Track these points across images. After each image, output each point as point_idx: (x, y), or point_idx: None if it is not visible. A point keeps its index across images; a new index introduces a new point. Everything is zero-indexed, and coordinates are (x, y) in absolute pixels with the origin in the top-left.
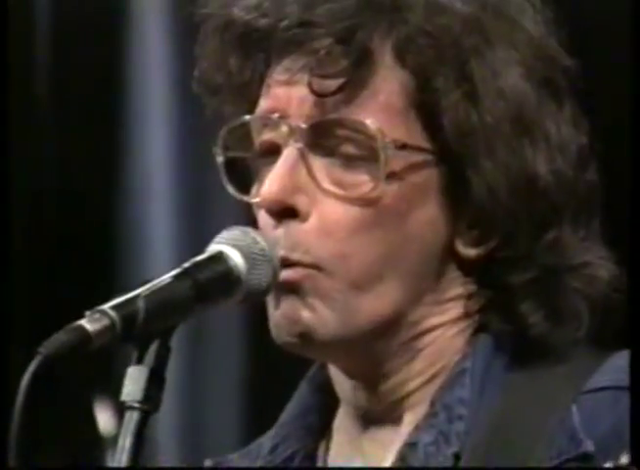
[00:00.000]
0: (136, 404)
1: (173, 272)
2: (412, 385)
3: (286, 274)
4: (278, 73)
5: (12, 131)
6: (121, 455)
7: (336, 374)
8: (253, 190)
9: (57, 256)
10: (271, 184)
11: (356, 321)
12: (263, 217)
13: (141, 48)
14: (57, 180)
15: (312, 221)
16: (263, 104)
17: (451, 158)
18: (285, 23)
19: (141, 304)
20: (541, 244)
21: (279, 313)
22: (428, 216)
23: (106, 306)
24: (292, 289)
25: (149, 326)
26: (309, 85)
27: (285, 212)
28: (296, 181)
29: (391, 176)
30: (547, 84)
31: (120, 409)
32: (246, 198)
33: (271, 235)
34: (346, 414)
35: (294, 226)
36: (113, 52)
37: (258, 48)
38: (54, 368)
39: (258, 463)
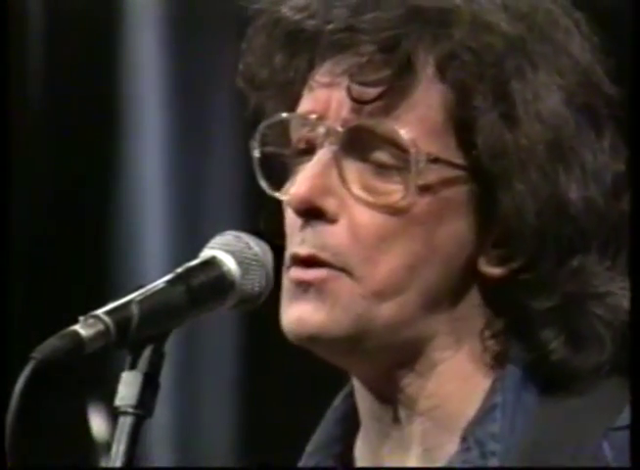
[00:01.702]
0: (130, 409)
1: (167, 277)
2: (425, 404)
3: (311, 273)
4: (320, 75)
5: (7, 143)
6: (115, 460)
7: (357, 387)
8: (286, 187)
9: (52, 261)
10: (301, 184)
11: (371, 327)
12: (291, 217)
13: (136, 57)
14: (52, 186)
15: (342, 225)
16: (304, 104)
17: (483, 176)
18: (331, 26)
19: (135, 309)
20: (566, 270)
21: (293, 312)
22: (454, 232)
23: (100, 312)
24: (311, 288)
25: (142, 331)
26: (348, 91)
27: (312, 213)
28: (326, 183)
29: (422, 188)
30: (588, 111)
31: (114, 414)
32: (277, 195)
33: (297, 235)
34: (366, 442)
35: (322, 227)
36: (107, 61)
37: (304, 48)
38: (48, 373)
39: None
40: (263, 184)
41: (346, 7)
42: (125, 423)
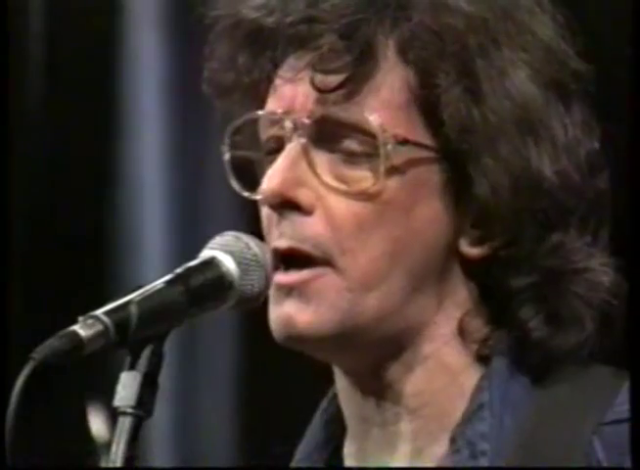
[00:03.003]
0: (129, 410)
1: (166, 278)
2: (414, 401)
3: (293, 276)
4: (284, 71)
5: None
6: (115, 460)
7: (343, 389)
8: (260, 187)
9: (51, 261)
10: (272, 177)
11: (359, 321)
12: (266, 214)
13: (136, 57)
14: (52, 186)
15: (318, 215)
16: (270, 102)
17: (453, 155)
18: (289, 19)
19: (134, 309)
20: (545, 246)
21: (278, 315)
22: (431, 213)
23: (99, 312)
24: (294, 291)
25: (142, 331)
26: (311, 81)
27: (287, 205)
28: (297, 175)
29: (393, 172)
30: (555, 86)
31: (114, 415)
32: (252, 195)
33: (274, 230)
34: (354, 443)
35: (298, 219)
36: (107, 61)
37: (266, 47)
38: (47, 374)
39: None
40: (236, 186)
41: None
42: (125, 423)
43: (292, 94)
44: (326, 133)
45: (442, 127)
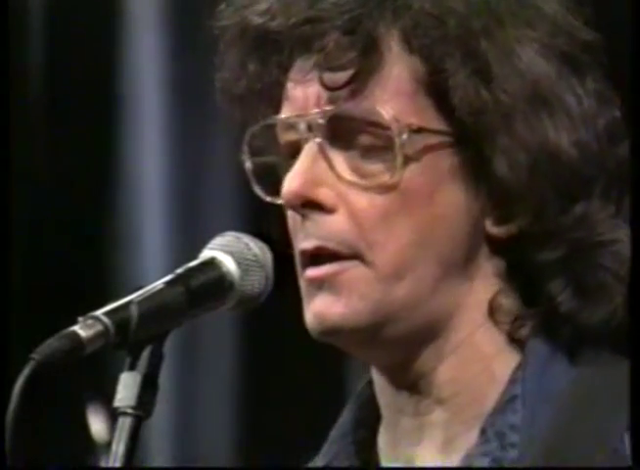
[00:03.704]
0: (129, 410)
1: (166, 278)
2: (446, 390)
3: (322, 269)
4: (293, 74)
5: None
6: (115, 461)
7: (377, 380)
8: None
9: (51, 261)
10: (292, 179)
11: (391, 310)
12: (291, 217)
13: (136, 57)
14: (52, 185)
15: (341, 213)
16: (284, 107)
17: (468, 137)
18: (292, 21)
19: (134, 310)
20: (569, 218)
21: (312, 310)
22: (452, 198)
23: (99, 312)
24: (325, 284)
25: (142, 332)
26: (320, 80)
27: (309, 205)
28: (317, 175)
29: (410, 161)
30: (565, 59)
31: (113, 415)
32: (275, 200)
33: (300, 232)
34: (388, 432)
35: (322, 218)
36: (107, 61)
37: (273, 52)
38: (47, 374)
39: None
40: (259, 192)
41: (304, 1)
42: (124, 424)
43: (303, 96)
44: (341, 131)
45: (454, 111)
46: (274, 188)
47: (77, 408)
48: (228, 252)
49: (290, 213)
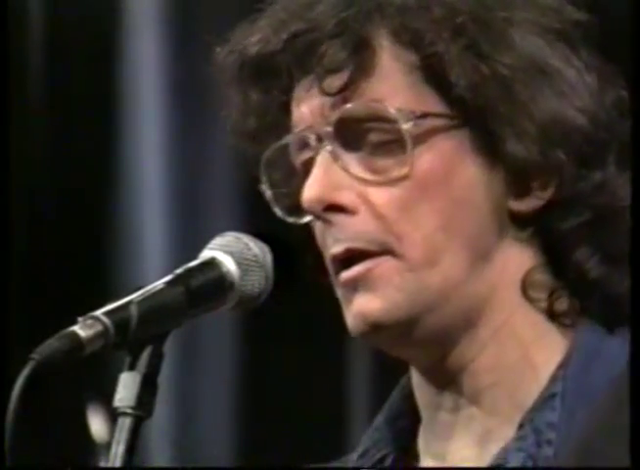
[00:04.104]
0: (129, 410)
1: (166, 278)
2: (486, 379)
3: (354, 269)
4: (297, 93)
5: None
6: (115, 461)
7: (416, 381)
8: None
9: (51, 261)
10: (310, 187)
11: (429, 298)
12: (318, 229)
13: (136, 57)
14: (52, 186)
15: (363, 212)
16: (294, 126)
17: (473, 115)
18: (283, 38)
19: (134, 310)
20: (589, 184)
21: (351, 311)
22: (469, 178)
23: (98, 312)
24: (359, 284)
25: (141, 332)
26: (320, 89)
27: (331, 210)
28: (334, 180)
29: (421, 149)
30: (558, 35)
31: (113, 415)
32: (298, 220)
33: (327, 239)
34: (426, 428)
35: (346, 220)
36: (107, 61)
37: (273, 77)
38: (47, 374)
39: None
40: (280, 214)
41: (291, 19)
42: (124, 424)
43: (308, 110)
44: (349, 133)
45: (455, 90)
46: (294, 209)
47: (77, 408)
48: (228, 252)
49: (316, 226)
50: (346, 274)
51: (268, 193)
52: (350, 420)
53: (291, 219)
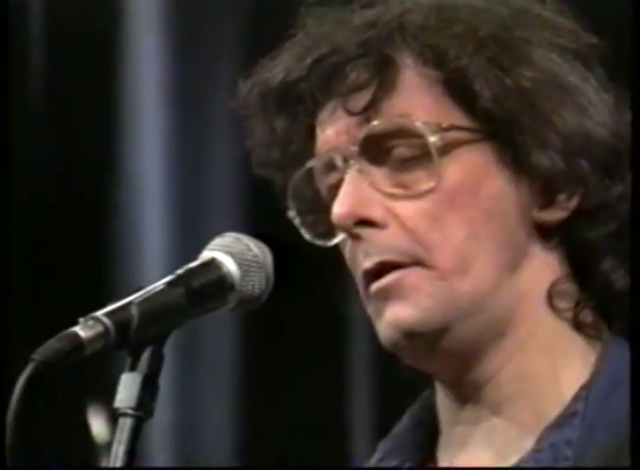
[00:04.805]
0: (129, 411)
1: (166, 279)
2: (511, 388)
3: (385, 279)
4: (321, 117)
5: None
6: (115, 462)
7: (440, 397)
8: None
9: (51, 262)
10: (340, 204)
11: (458, 306)
12: (348, 250)
13: (136, 57)
14: (52, 186)
15: (393, 226)
16: (318, 151)
17: (498, 128)
18: (307, 63)
19: (134, 310)
20: (613, 195)
21: (384, 321)
22: (496, 190)
23: (99, 313)
24: (390, 293)
25: (142, 333)
26: (345, 109)
27: (362, 224)
28: (363, 196)
29: (447, 162)
30: (574, 55)
31: (114, 416)
32: (326, 242)
33: (359, 254)
34: (446, 441)
35: (377, 235)
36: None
37: (297, 103)
38: (47, 375)
39: None
40: (308, 237)
41: (315, 45)
42: (125, 425)
43: (333, 132)
44: (375, 150)
45: (479, 102)
46: (322, 232)
47: (78, 409)
48: (228, 252)
49: (346, 246)
50: (377, 284)
51: (297, 220)
52: (351, 418)
53: (319, 242)
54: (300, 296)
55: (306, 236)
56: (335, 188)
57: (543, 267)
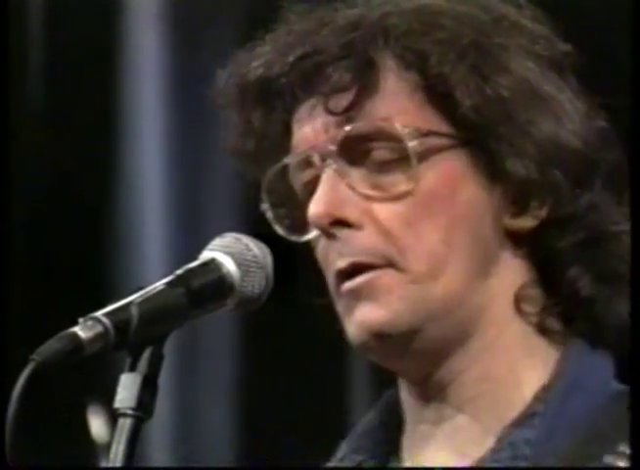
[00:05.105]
0: (129, 411)
1: (166, 279)
2: (474, 389)
3: (358, 279)
4: (300, 114)
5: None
6: (115, 462)
7: (405, 395)
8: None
9: (51, 262)
10: (317, 203)
11: (429, 309)
12: (322, 246)
13: (136, 57)
14: (52, 186)
15: (368, 227)
16: (294, 147)
17: (475, 136)
18: (289, 61)
19: (134, 310)
20: (582, 204)
21: (354, 321)
22: (470, 197)
23: (99, 313)
24: (362, 294)
25: (142, 333)
26: (325, 107)
27: (337, 225)
28: (339, 196)
29: (425, 166)
30: (549, 63)
31: (113, 416)
32: (299, 238)
33: (332, 254)
34: (410, 440)
35: (351, 235)
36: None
37: (276, 98)
38: (47, 375)
39: None
40: (282, 232)
41: (297, 42)
42: (125, 425)
43: (312, 130)
44: (354, 151)
45: (459, 110)
46: (295, 227)
47: (78, 409)
48: (228, 253)
49: (319, 243)
50: (349, 284)
51: (269, 213)
52: (351, 419)
53: (292, 237)
54: (300, 296)
55: (279, 230)
56: (310, 184)
57: (512, 273)
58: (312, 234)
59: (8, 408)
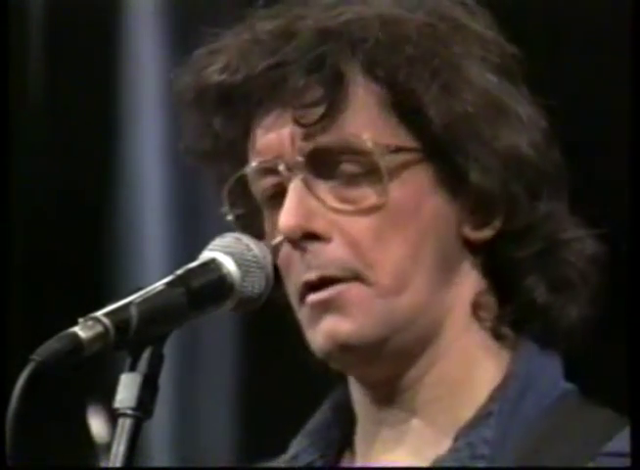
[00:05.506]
0: (129, 411)
1: (166, 279)
2: (430, 393)
3: (326, 292)
4: (264, 120)
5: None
6: (115, 462)
7: (358, 396)
8: (268, 236)
9: (51, 262)
10: (287, 215)
11: (395, 322)
12: (285, 254)
13: (136, 57)
14: (52, 187)
15: (337, 240)
16: (257, 153)
17: (441, 150)
18: (257, 70)
19: (134, 310)
20: (538, 215)
21: (320, 331)
22: (434, 210)
23: (99, 313)
24: (330, 306)
25: (142, 333)
26: (294, 119)
27: (306, 237)
28: (308, 208)
29: (393, 181)
30: (501, 70)
31: (113, 416)
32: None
33: (299, 265)
34: (364, 441)
35: (320, 248)
36: (107, 61)
37: (239, 104)
38: (47, 375)
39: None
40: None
41: (264, 51)
42: (124, 425)
43: (277, 138)
44: (322, 164)
45: (427, 127)
46: (258, 233)
47: (78, 409)
48: (228, 253)
49: (283, 250)
50: (316, 296)
51: (230, 217)
52: None
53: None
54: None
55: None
56: (271, 190)
57: (470, 281)
58: (276, 240)
59: (8, 408)
